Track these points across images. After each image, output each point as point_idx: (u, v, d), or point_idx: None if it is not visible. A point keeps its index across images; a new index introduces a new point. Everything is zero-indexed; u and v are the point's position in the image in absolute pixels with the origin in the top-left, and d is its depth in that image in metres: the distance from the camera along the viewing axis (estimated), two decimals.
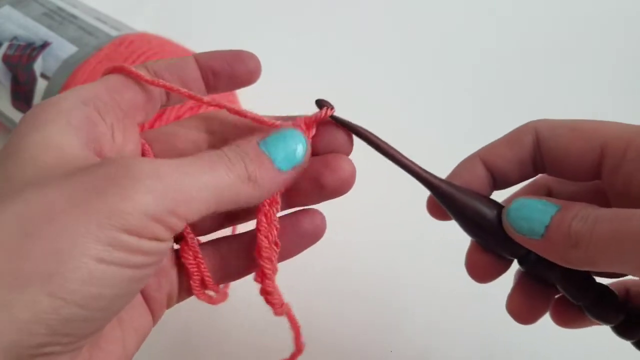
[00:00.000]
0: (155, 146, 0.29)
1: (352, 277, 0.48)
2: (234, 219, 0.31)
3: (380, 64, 0.65)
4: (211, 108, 0.30)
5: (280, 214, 0.29)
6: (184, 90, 0.28)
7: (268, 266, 0.28)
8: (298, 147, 0.26)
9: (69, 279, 0.20)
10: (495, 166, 0.29)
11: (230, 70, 0.29)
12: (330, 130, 0.29)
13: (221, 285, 0.30)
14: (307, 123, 0.28)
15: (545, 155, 0.28)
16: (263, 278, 0.28)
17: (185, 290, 0.30)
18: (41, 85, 0.47)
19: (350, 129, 0.29)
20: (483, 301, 0.46)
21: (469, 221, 0.28)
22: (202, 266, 0.29)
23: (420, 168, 0.29)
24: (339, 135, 0.29)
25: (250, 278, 0.29)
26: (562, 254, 0.25)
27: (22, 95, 0.48)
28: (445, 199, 0.28)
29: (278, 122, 0.28)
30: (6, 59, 0.48)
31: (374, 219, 0.51)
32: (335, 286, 0.47)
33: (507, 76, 0.64)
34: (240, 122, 0.29)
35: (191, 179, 0.23)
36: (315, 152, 0.28)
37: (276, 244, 0.28)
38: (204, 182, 0.23)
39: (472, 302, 0.46)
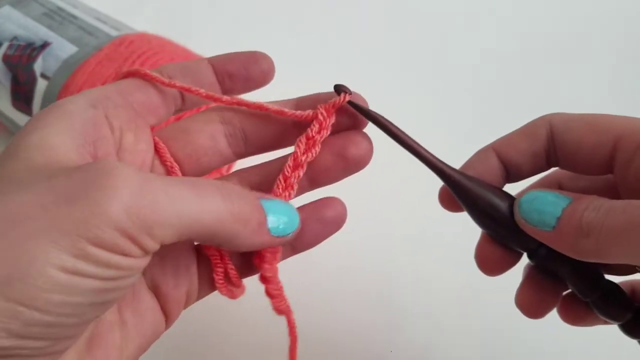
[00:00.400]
0: (172, 144, 0.29)
1: (352, 278, 0.48)
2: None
3: (380, 64, 0.65)
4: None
5: (302, 198, 0.29)
6: (202, 90, 0.28)
7: (271, 279, 0.28)
8: (291, 225, 0.27)
9: (30, 285, 0.19)
10: (508, 158, 0.29)
11: (245, 73, 0.30)
12: (341, 113, 0.29)
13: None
14: (327, 110, 0.28)
15: (559, 149, 0.28)
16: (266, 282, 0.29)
17: (206, 285, 0.29)
18: (41, 85, 0.47)
19: (367, 115, 0.29)
20: (483, 301, 0.46)
21: (481, 212, 0.28)
22: (226, 258, 0.28)
23: (434, 157, 0.29)
24: (348, 119, 0.29)
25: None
26: (572, 245, 0.25)
27: (22, 96, 0.48)
28: (458, 189, 0.28)
29: (297, 113, 0.28)
30: (6, 59, 0.48)
31: (374, 219, 0.51)
32: (335, 286, 0.47)
33: (507, 76, 0.64)
34: (253, 109, 0.29)
35: (177, 202, 0.22)
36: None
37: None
38: (189, 206, 0.22)
39: (472, 303, 0.46)
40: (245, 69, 0.29)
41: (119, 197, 0.20)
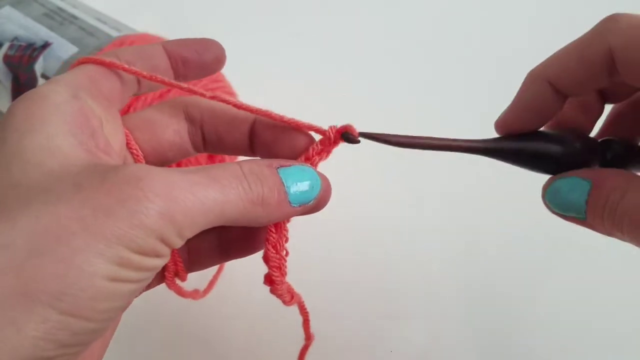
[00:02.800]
0: (138, 135, 0.29)
1: (353, 279, 0.48)
2: (232, 254, 0.31)
3: (380, 65, 0.65)
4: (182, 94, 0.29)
5: None
6: (184, 85, 0.28)
7: (276, 274, 0.28)
8: (313, 190, 0.26)
9: (80, 297, 0.20)
10: (563, 86, 0.27)
11: (199, 59, 0.29)
12: (291, 134, 0.29)
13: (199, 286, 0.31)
14: (333, 138, 0.28)
15: (622, 70, 0.26)
16: (272, 284, 0.28)
17: (155, 279, 0.29)
18: None
19: (381, 141, 0.28)
20: (483, 302, 0.46)
21: (530, 163, 0.29)
22: (177, 256, 0.29)
23: (461, 141, 0.28)
24: (300, 139, 0.29)
25: (247, 277, 0.29)
26: (610, 233, 0.26)
27: None
28: (499, 156, 0.29)
29: (290, 120, 0.28)
30: (7, 59, 0.48)
31: (376, 222, 0.51)
32: (336, 287, 0.47)
33: (509, 77, 0.64)
34: (217, 108, 0.29)
35: (202, 201, 0.23)
36: (281, 157, 0.28)
37: (286, 253, 0.28)
38: (213, 202, 0.23)
39: (472, 303, 0.46)
40: (198, 55, 0.29)
41: (153, 206, 0.21)
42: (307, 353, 0.35)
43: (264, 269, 0.28)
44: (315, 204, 0.27)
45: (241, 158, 0.29)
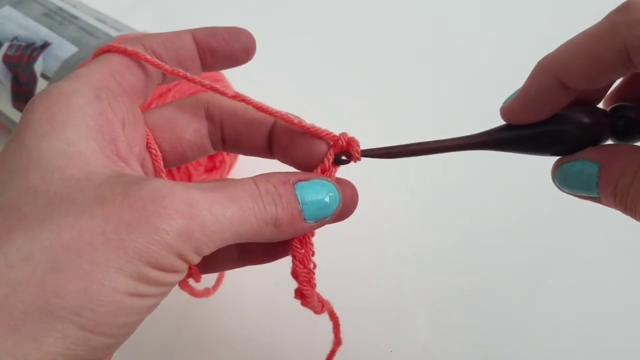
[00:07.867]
0: (159, 135, 0.29)
1: (353, 278, 0.48)
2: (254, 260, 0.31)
3: (378, 60, 0.65)
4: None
5: None
6: (206, 82, 0.27)
7: (307, 288, 0.28)
8: (330, 205, 0.26)
9: (100, 313, 0.20)
10: (572, 81, 0.25)
11: (227, 49, 0.29)
12: (309, 140, 0.28)
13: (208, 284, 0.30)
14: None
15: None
16: (303, 297, 0.29)
17: None
18: (42, 85, 0.47)
19: (386, 156, 0.29)
20: (483, 302, 0.46)
21: (535, 149, 0.27)
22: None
23: (460, 139, 0.28)
24: (318, 145, 0.28)
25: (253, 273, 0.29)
26: (626, 209, 0.25)
27: (22, 96, 0.48)
28: (499, 147, 0.28)
29: (307, 125, 0.28)
30: (7, 59, 0.48)
31: (376, 220, 0.51)
32: (336, 286, 0.47)
33: (507, 78, 0.64)
34: (238, 108, 0.29)
35: (220, 220, 0.23)
36: (298, 161, 0.28)
37: (314, 266, 0.28)
38: (230, 222, 0.23)
39: (472, 303, 0.46)
40: (227, 45, 0.29)
41: (174, 224, 0.21)
42: (309, 352, 0.35)
43: (270, 265, 0.28)
44: (334, 218, 0.27)
45: (249, 161, 0.29)
